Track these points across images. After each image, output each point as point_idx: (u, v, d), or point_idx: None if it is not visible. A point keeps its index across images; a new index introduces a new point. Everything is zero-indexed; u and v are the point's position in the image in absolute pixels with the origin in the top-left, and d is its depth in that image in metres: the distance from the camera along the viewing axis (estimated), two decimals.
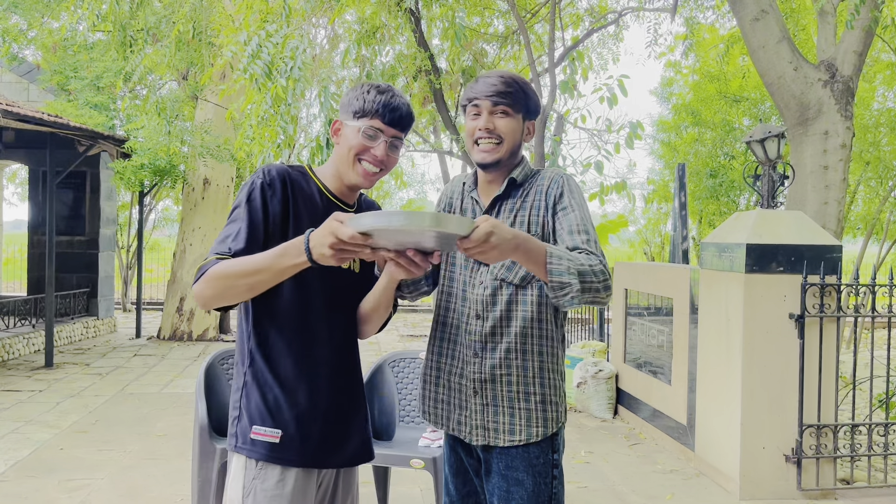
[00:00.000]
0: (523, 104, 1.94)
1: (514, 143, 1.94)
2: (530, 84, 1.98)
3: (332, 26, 9.08)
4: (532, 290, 1.91)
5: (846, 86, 5.63)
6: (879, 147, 10.29)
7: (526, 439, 1.89)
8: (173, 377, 7.67)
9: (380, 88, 1.85)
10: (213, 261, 1.70)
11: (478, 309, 1.95)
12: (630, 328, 6.27)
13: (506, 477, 1.90)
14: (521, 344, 1.90)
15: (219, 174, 10.55)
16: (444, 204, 2.10)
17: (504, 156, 1.94)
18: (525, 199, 1.95)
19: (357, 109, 1.84)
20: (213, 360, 3.58)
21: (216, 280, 1.68)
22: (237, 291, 1.70)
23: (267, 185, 1.79)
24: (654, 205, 13.85)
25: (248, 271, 1.66)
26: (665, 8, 9.46)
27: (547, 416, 1.91)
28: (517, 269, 1.91)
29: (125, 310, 14.03)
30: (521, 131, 1.96)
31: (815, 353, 4.26)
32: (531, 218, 1.93)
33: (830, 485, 4.29)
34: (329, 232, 1.54)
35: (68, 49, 10.82)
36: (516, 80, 1.95)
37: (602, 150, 6.79)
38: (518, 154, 1.99)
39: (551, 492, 1.91)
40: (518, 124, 1.94)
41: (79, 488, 4.25)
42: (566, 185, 1.94)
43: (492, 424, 1.91)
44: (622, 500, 4.25)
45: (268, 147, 5.82)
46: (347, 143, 1.84)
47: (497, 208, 1.98)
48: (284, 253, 1.63)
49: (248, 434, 1.79)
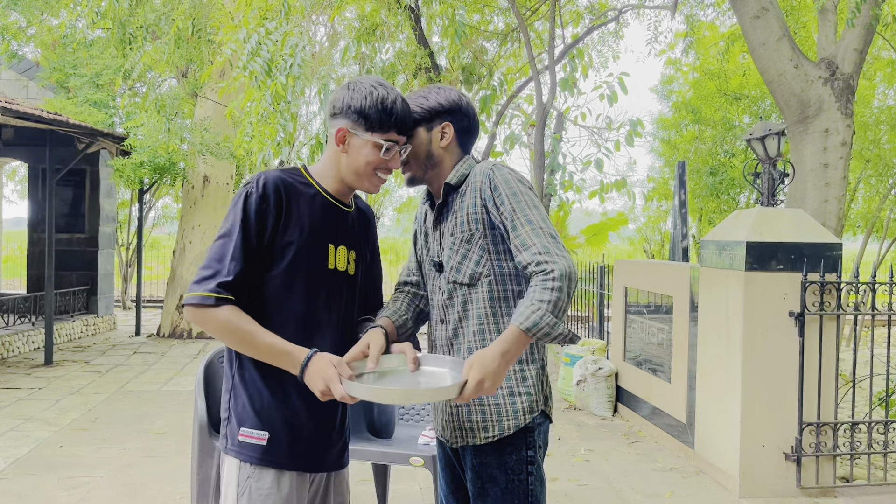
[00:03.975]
0: (418, 120, 1.95)
1: (420, 156, 1.97)
2: (434, 93, 1.99)
3: (331, 23, 9.07)
4: (482, 287, 1.93)
5: (846, 83, 5.63)
6: (880, 145, 10.28)
7: (499, 433, 1.91)
8: (173, 375, 7.66)
9: (391, 97, 1.81)
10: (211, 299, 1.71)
11: (441, 314, 2.00)
12: (630, 326, 6.26)
13: (479, 474, 1.93)
14: (480, 342, 1.92)
15: (218, 172, 10.54)
16: (419, 219, 2.16)
17: (417, 172, 1.99)
18: (463, 199, 1.96)
19: (374, 123, 1.79)
20: (212, 357, 3.57)
21: (217, 327, 1.73)
22: (228, 343, 1.78)
23: (261, 197, 1.77)
24: (654, 203, 13.84)
25: (246, 343, 1.74)
26: (665, 5, 9.44)
27: (516, 407, 1.91)
28: (464, 268, 1.93)
29: (125, 307, 14.02)
30: (426, 141, 1.97)
31: (814, 351, 4.25)
32: (468, 216, 1.94)
33: (830, 483, 4.29)
34: (324, 381, 1.68)
35: (67, 46, 10.81)
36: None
37: (602, 147, 6.80)
38: (437, 160, 1.98)
39: (526, 488, 1.92)
40: (419, 138, 1.96)
41: (78, 486, 4.25)
42: (495, 175, 1.91)
43: (467, 424, 1.93)
44: (622, 498, 4.25)
45: (267, 145, 5.82)
46: (364, 158, 1.82)
47: (442, 214, 2.01)
48: (283, 356, 1.73)
49: (236, 436, 1.79)
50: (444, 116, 1.97)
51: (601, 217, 13.71)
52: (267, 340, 1.73)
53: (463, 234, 1.94)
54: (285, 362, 1.74)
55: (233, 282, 1.72)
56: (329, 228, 1.86)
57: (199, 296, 1.71)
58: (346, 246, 1.90)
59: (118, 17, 7.98)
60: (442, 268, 1.98)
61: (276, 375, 1.79)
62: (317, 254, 1.83)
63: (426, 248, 2.08)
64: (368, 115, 1.78)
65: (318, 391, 1.69)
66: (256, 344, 1.73)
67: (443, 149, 1.98)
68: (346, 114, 1.82)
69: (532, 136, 7.60)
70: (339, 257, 1.88)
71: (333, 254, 1.86)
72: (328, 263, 1.85)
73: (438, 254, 2.01)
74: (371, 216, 2.07)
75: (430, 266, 2.05)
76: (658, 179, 13.70)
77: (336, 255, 1.87)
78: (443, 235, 2.00)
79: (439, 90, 2.00)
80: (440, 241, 2.01)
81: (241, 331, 1.72)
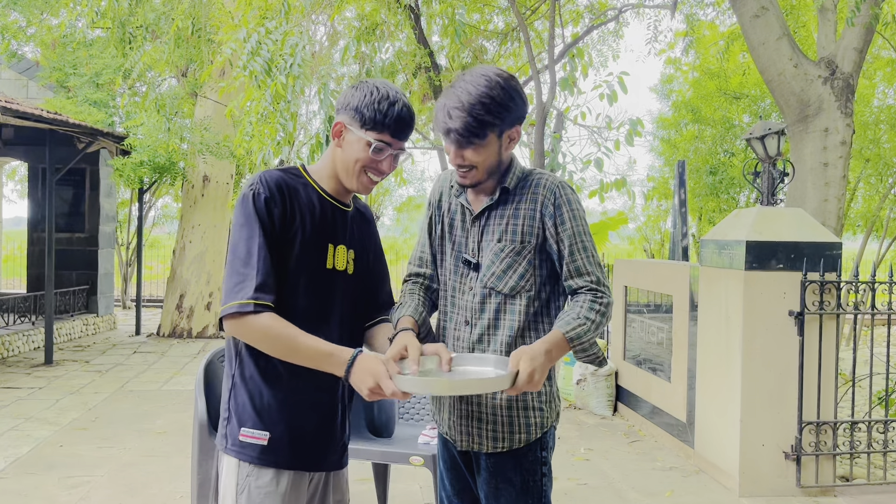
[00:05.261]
0: (496, 125, 1.82)
1: (489, 165, 1.88)
2: (507, 92, 1.81)
3: (331, 23, 9.07)
4: (520, 300, 1.90)
5: (846, 83, 5.63)
6: (879, 144, 10.28)
7: (508, 447, 1.89)
8: (173, 374, 7.67)
9: (391, 98, 1.79)
10: (251, 305, 1.68)
11: (467, 315, 1.95)
12: (630, 325, 6.27)
13: (495, 475, 1.91)
14: (506, 353, 1.87)
15: (218, 171, 10.54)
16: (434, 207, 2.08)
17: (481, 178, 1.90)
18: (518, 206, 1.91)
19: (368, 121, 1.79)
20: (212, 357, 3.57)
21: (259, 336, 1.71)
22: (270, 351, 1.75)
23: (268, 195, 1.76)
24: (654, 202, 13.82)
25: (292, 351, 1.72)
26: (665, 5, 9.44)
27: (530, 422, 1.90)
28: (507, 278, 1.90)
29: (125, 307, 14.03)
30: (496, 149, 1.86)
31: (814, 350, 4.25)
32: (524, 228, 1.90)
33: (830, 482, 4.29)
34: (374, 378, 1.66)
35: (67, 46, 10.81)
36: (483, 105, 1.78)
37: (602, 147, 6.79)
38: (499, 166, 1.91)
39: (541, 489, 1.92)
40: (491, 146, 1.85)
41: (78, 485, 4.25)
42: (560, 195, 1.89)
43: (476, 430, 1.91)
44: (621, 497, 4.25)
45: (267, 144, 5.82)
46: (354, 155, 1.82)
47: (487, 215, 1.95)
48: (327, 357, 1.72)
49: (237, 436, 1.79)
50: (515, 121, 1.86)
51: (601, 216, 13.68)
52: (310, 343, 1.71)
53: (514, 244, 1.90)
54: (329, 363, 1.71)
55: (266, 283, 1.71)
56: (328, 227, 1.86)
57: (237, 304, 1.68)
58: (346, 245, 1.90)
59: (118, 17, 7.99)
60: (478, 268, 1.93)
61: (277, 375, 1.78)
62: (316, 253, 1.83)
63: (451, 242, 2.01)
64: (363, 113, 1.79)
65: (366, 389, 1.66)
66: (299, 348, 1.70)
67: (508, 152, 1.92)
68: (345, 110, 1.83)
69: (532, 136, 7.60)
70: (338, 257, 1.87)
71: (332, 253, 1.86)
72: (327, 263, 1.85)
73: (475, 253, 1.95)
74: (370, 216, 2.06)
75: (457, 262, 1.98)
76: (658, 179, 13.69)
77: (335, 254, 1.87)
78: (484, 236, 1.94)
79: (504, 86, 1.80)
80: (479, 240, 1.95)
81: (283, 336, 1.70)
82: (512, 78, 1.85)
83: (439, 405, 2.01)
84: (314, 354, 1.71)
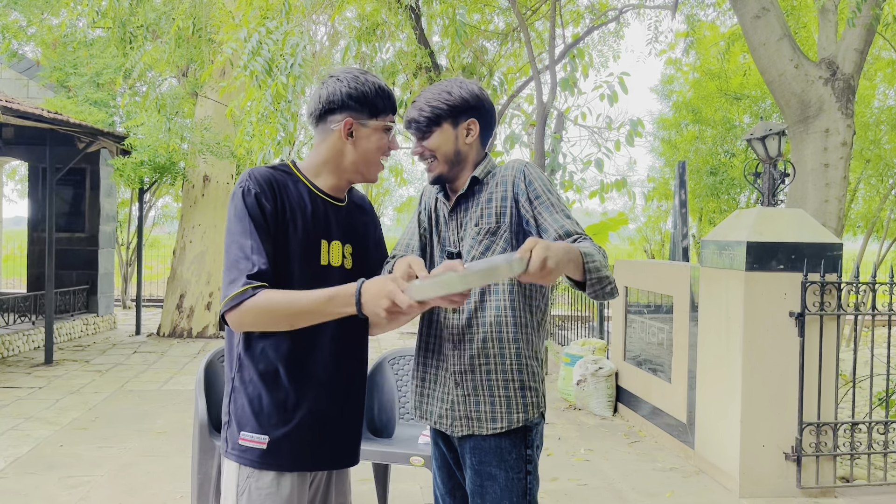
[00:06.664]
0: (444, 116, 1.95)
1: (446, 153, 1.97)
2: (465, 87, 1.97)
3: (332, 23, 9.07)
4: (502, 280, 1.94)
5: (847, 83, 5.63)
6: (880, 145, 10.28)
7: (507, 426, 1.91)
8: (173, 374, 7.67)
9: (375, 81, 1.86)
10: (248, 291, 1.67)
11: None
12: (630, 326, 6.26)
13: (479, 472, 1.93)
14: (496, 333, 1.92)
15: (219, 171, 10.54)
16: (424, 207, 2.14)
17: (443, 169, 1.99)
18: (490, 192, 1.99)
19: (378, 108, 1.84)
20: (212, 357, 3.57)
21: (260, 314, 1.68)
22: (278, 325, 1.72)
23: (259, 193, 1.76)
24: (655, 202, 13.83)
25: (295, 311, 1.68)
26: (666, 5, 9.44)
27: (527, 401, 1.93)
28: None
29: (125, 307, 14.03)
30: (452, 138, 1.97)
31: (815, 350, 4.25)
32: (498, 210, 1.96)
33: (830, 483, 4.29)
34: (386, 296, 1.60)
35: (68, 46, 10.82)
36: (437, 97, 1.96)
37: (602, 147, 6.79)
38: (463, 156, 2.00)
39: (525, 487, 1.93)
40: (446, 134, 1.96)
41: (78, 485, 4.25)
42: (530, 172, 1.96)
43: (474, 414, 1.92)
44: (622, 497, 4.25)
45: (268, 144, 5.82)
46: (374, 144, 1.85)
47: (463, 207, 2.01)
48: (332, 299, 1.67)
49: (236, 440, 1.78)
50: (469, 112, 1.97)
51: (601, 217, 13.67)
52: (311, 297, 1.68)
53: (489, 225, 1.95)
54: (337, 304, 1.67)
55: (260, 270, 1.70)
56: (321, 224, 1.84)
57: (233, 296, 1.68)
58: (340, 241, 1.88)
59: (118, 17, 7.99)
60: (459, 257, 1.96)
61: (276, 379, 1.78)
62: (309, 249, 1.81)
63: (437, 236, 2.08)
64: (374, 103, 1.83)
65: (382, 311, 1.61)
66: (302, 307, 1.68)
67: (468, 145, 1.99)
68: (347, 105, 1.82)
69: (532, 136, 7.60)
70: (332, 253, 1.86)
71: (327, 249, 1.85)
72: (321, 259, 1.83)
73: (456, 243, 2.01)
74: (368, 207, 2.05)
75: (443, 256, 2.04)
76: (658, 179, 13.70)
77: (329, 250, 1.85)
78: (461, 226, 2.01)
79: (461, 84, 1.98)
80: (458, 231, 2.02)
81: (283, 302, 1.67)
82: (473, 83, 2.01)
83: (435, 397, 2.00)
84: (319, 305, 1.68)
